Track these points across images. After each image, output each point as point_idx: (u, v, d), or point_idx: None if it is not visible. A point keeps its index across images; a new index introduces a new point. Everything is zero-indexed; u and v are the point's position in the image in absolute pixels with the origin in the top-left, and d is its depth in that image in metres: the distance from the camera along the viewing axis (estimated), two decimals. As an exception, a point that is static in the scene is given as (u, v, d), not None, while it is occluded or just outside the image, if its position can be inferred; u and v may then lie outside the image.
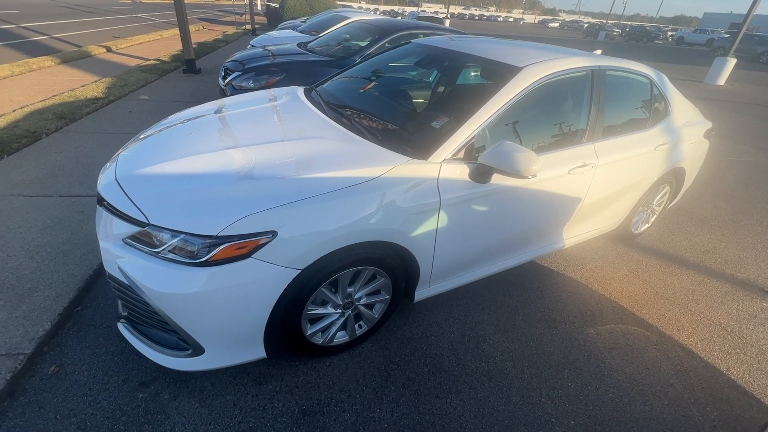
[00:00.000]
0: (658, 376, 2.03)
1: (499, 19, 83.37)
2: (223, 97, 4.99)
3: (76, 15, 17.34)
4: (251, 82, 4.37)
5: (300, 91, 2.71)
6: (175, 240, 1.44)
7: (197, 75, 7.60)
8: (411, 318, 2.24)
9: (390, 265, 1.80)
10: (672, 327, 2.39)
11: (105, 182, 1.73)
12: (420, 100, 2.61)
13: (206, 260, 1.40)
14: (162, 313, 1.46)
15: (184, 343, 1.57)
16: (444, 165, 1.80)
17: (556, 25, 71.45)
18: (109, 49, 9.38)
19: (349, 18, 7.34)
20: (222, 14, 27.17)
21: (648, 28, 39.85)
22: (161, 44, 11.27)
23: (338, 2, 22.12)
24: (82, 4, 22.99)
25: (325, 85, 2.82)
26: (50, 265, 2.27)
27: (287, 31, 8.23)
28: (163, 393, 1.70)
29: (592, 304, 2.51)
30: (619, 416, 1.80)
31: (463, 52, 2.50)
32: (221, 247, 1.40)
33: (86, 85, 5.99)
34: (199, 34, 14.55)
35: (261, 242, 1.43)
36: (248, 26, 17.36)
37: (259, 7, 27.31)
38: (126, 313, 1.67)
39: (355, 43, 5.25)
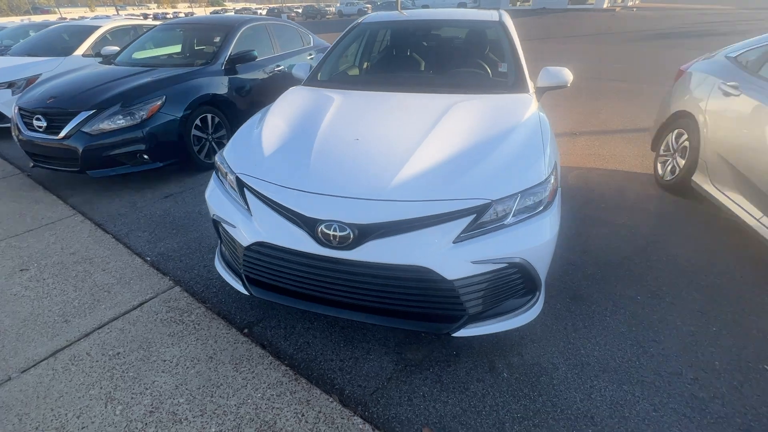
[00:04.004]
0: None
1: (168, 15, 76.25)
2: (32, 158, 3.40)
3: None
4: (121, 117, 3.21)
5: (316, 89, 2.54)
6: (516, 201, 1.55)
7: None
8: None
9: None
10: (616, 162, 3.97)
11: (379, 213, 1.48)
12: (450, 59, 2.94)
13: (546, 204, 1.62)
14: (534, 271, 1.57)
15: (525, 297, 1.70)
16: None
17: (233, 12, 72.09)
18: None
19: (102, 26, 5.87)
20: None
21: (316, 6, 46.67)
22: None
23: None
24: None
25: (334, 74, 2.78)
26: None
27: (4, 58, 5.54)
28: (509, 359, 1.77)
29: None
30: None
31: (438, 19, 3.02)
32: (550, 185, 1.64)
33: None
34: None
35: (556, 173, 1.75)
36: None
37: None
38: (471, 312, 1.58)
39: (202, 47, 4.55)
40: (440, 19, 3.08)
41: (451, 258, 1.47)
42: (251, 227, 1.66)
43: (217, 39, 4.34)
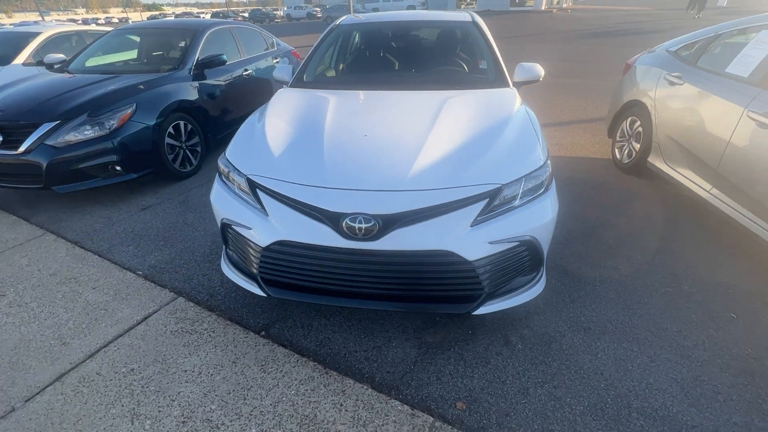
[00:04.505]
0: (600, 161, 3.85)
1: (99, 21, 70.99)
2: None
3: None
4: (89, 128, 3.02)
5: (307, 90, 2.57)
6: (521, 184, 1.69)
7: None
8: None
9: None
10: (577, 150, 4.29)
11: (401, 203, 1.56)
12: (432, 58, 3.05)
13: (546, 186, 1.77)
14: (541, 248, 1.72)
15: (531, 274, 1.85)
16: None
17: (171, 18, 68.50)
18: None
19: (43, 32, 5.44)
20: None
21: (264, 9, 45.60)
22: None
23: None
24: None
25: (320, 76, 2.83)
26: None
27: None
28: (519, 334, 1.91)
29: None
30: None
31: (415, 20, 3.14)
32: (548, 168, 1.80)
33: None
34: None
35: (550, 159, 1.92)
36: None
37: None
38: (488, 291, 1.69)
39: (163, 52, 4.38)
40: (416, 20, 3.21)
41: (470, 240, 1.57)
42: (269, 227, 1.67)
43: (182, 44, 4.18)
